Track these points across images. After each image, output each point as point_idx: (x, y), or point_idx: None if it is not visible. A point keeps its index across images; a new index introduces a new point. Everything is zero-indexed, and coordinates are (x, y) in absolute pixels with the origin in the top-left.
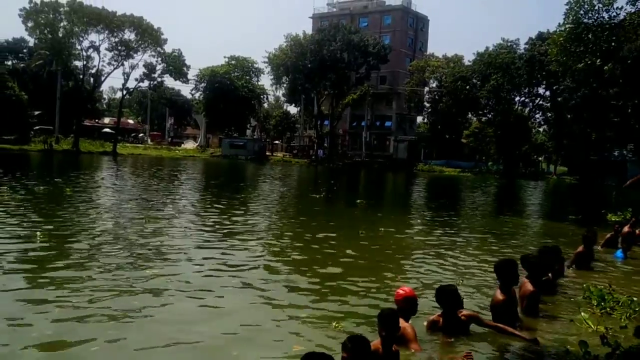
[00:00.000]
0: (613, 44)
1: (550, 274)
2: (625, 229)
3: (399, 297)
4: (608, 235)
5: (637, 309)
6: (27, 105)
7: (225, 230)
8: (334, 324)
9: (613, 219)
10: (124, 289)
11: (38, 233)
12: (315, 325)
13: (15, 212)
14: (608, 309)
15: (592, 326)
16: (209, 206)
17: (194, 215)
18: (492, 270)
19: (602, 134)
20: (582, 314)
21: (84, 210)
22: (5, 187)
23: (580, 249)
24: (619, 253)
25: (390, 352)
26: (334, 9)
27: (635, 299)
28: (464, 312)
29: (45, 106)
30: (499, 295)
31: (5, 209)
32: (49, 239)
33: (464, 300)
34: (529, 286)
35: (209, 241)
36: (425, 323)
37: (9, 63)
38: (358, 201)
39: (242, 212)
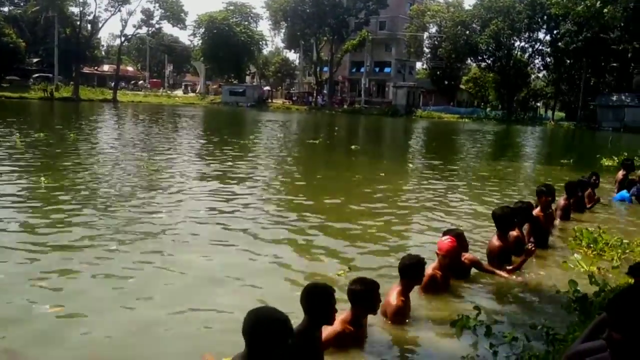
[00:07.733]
0: None
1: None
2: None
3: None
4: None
5: (627, 250)
6: (25, 52)
7: (225, 176)
8: (341, 271)
9: (607, 164)
10: (126, 231)
11: (42, 178)
12: (319, 270)
13: (23, 157)
14: (599, 251)
15: (585, 267)
16: (209, 151)
17: (195, 160)
18: (489, 214)
19: (602, 78)
20: (575, 255)
21: (89, 155)
22: (17, 134)
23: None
24: (624, 194)
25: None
26: None
27: (625, 240)
28: (467, 255)
29: (44, 53)
30: (495, 242)
31: (15, 153)
32: (54, 181)
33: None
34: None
35: (208, 186)
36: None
37: (5, 9)
38: (353, 147)
39: (242, 156)
